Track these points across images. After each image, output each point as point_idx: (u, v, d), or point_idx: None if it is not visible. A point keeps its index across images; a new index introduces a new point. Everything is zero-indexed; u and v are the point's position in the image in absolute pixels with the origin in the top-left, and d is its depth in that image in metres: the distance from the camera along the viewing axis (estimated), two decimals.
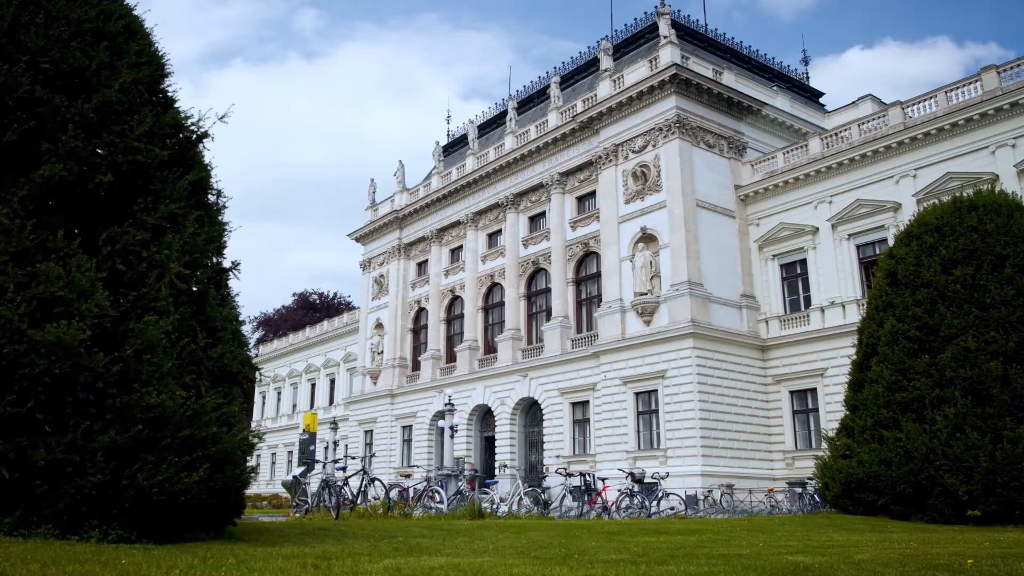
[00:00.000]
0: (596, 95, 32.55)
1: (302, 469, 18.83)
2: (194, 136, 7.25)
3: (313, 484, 13.16)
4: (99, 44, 6.58)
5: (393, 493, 13.52)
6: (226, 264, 7.47)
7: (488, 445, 35.59)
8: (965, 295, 13.20)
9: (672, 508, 18.31)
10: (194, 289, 6.65)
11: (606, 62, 32.57)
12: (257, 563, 4.38)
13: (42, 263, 5.59)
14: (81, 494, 5.17)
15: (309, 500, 12.93)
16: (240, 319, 7.38)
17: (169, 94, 7.46)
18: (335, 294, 72.71)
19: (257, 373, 7.46)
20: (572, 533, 8.87)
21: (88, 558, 3.96)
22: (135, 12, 7.42)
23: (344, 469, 13.13)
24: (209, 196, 7.44)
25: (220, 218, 7.49)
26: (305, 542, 6.53)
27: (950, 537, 8.33)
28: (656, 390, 27.69)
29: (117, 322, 5.81)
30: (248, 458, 6.77)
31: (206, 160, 7.49)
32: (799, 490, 23.46)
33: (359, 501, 12.66)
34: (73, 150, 5.95)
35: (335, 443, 37.14)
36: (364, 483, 12.70)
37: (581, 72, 39.67)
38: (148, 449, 5.55)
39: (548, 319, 33.54)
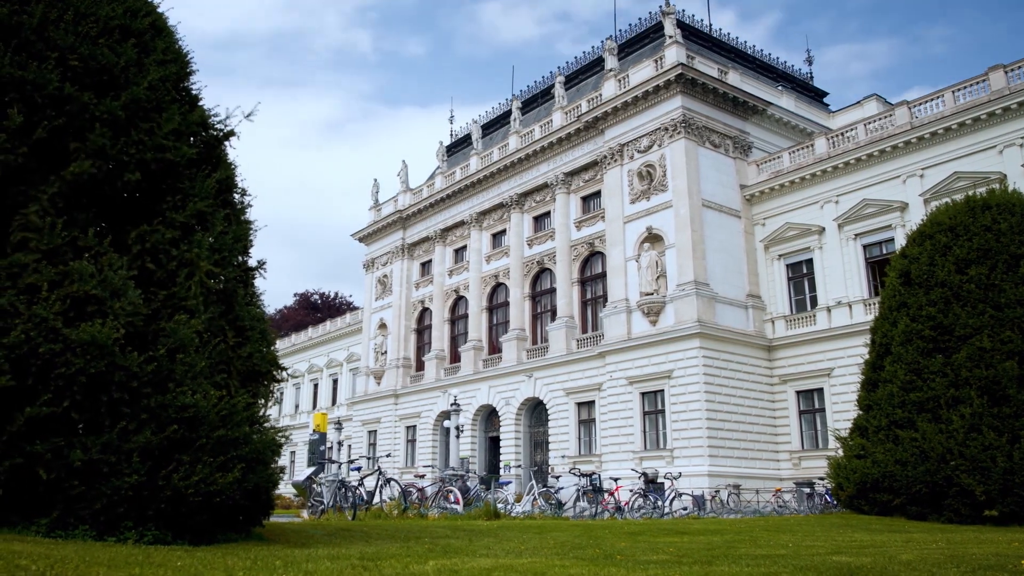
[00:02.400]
0: (601, 95, 32.51)
1: (313, 469, 18.77)
2: (220, 134, 7.21)
3: (327, 484, 13.10)
4: (127, 41, 6.53)
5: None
6: (251, 263, 7.44)
7: (492, 445, 35.55)
8: (980, 295, 13.17)
9: (685, 508, 18.27)
10: (221, 288, 6.60)
11: (611, 62, 32.53)
12: (306, 564, 4.33)
13: (74, 261, 5.54)
14: (118, 495, 5.11)
15: (325, 501, 12.89)
16: (266, 318, 7.34)
17: (193, 92, 7.42)
18: (336, 294, 72.66)
19: (285, 373, 7.43)
20: (594, 534, 8.83)
21: (141, 560, 3.91)
22: (159, 10, 7.39)
23: (359, 469, 13.08)
24: (234, 195, 7.40)
25: (244, 217, 7.46)
26: (335, 543, 6.48)
27: (974, 538, 8.29)
28: (662, 390, 27.65)
29: (148, 321, 5.76)
30: (276, 458, 6.73)
31: (230, 159, 7.46)
32: (807, 490, 23.41)
33: (374, 501, 12.63)
34: (101, 148, 5.91)
35: (339, 443, 37.09)
36: (380, 483, 12.67)
37: (585, 72, 39.63)
38: (183, 449, 5.50)
39: (553, 319, 33.51)
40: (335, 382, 52.91)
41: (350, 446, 43.32)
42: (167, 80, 6.74)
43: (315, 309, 68.73)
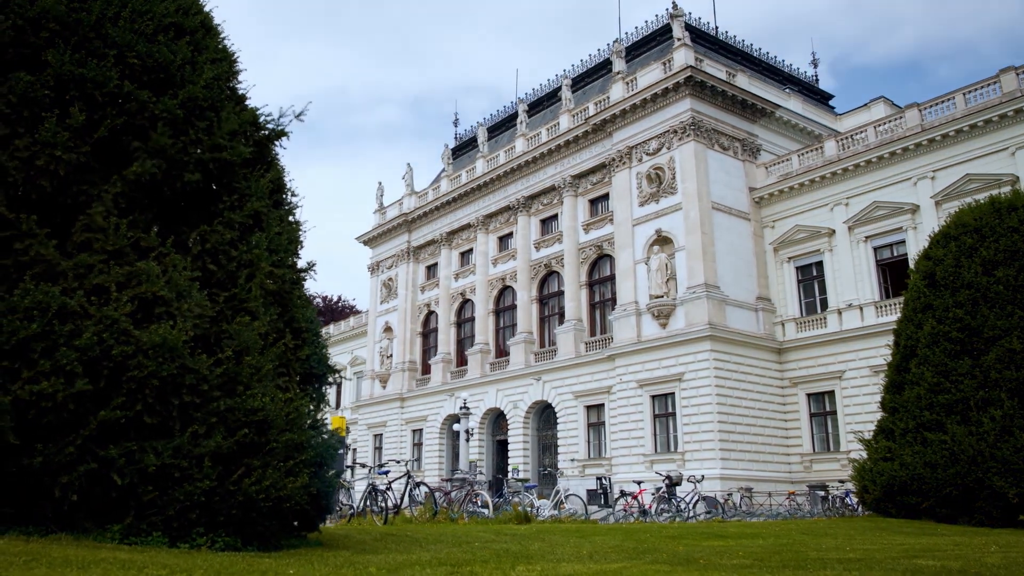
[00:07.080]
0: (608, 97, 32.49)
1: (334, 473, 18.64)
2: (271, 134, 7.12)
3: (357, 488, 13.01)
4: (181, 39, 6.44)
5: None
6: (302, 264, 7.34)
7: (500, 449, 35.43)
8: (1008, 296, 13.14)
9: (709, 512, 18.20)
10: (276, 289, 6.49)
11: (618, 64, 32.51)
12: (400, 572, 4.24)
13: (139, 262, 5.45)
14: (190, 500, 5.00)
15: (354, 505, 12.78)
16: (318, 320, 7.25)
17: (240, 92, 7.33)
18: (340, 297, 72.32)
19: (338, 376, 7.33)
20: (636, 537, 8.74)
21: (245, 570, 3.81)
22: (205, 9, 7.31)
23: (387, 473, 13.02)
24: (284, 195, 7.32)
25: (294, 217, 7.37)
26: (395, 548, 6.38)
27: (1020, 541, 8.24)
28: (673, 393, 27.59)
29: (212, 323, 5.66)
30: (333, 462, 6.64)
31: (280, 159, 7.37)
32: (821, 493, 23.37)
33: (403, 505, 12.55)
34: (162, 147, 5.82)
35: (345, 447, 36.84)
36: (409, 487, 12.60)
37: (592, 74, 39.62)
38: (253, 454, 5.39)
39: (561, 322, 33.42)
40: (339, 386, 52.69)
41: (355, 450, 43.16)
42: (220, 79, 6.66)
43: (318, 313, 68.41)
